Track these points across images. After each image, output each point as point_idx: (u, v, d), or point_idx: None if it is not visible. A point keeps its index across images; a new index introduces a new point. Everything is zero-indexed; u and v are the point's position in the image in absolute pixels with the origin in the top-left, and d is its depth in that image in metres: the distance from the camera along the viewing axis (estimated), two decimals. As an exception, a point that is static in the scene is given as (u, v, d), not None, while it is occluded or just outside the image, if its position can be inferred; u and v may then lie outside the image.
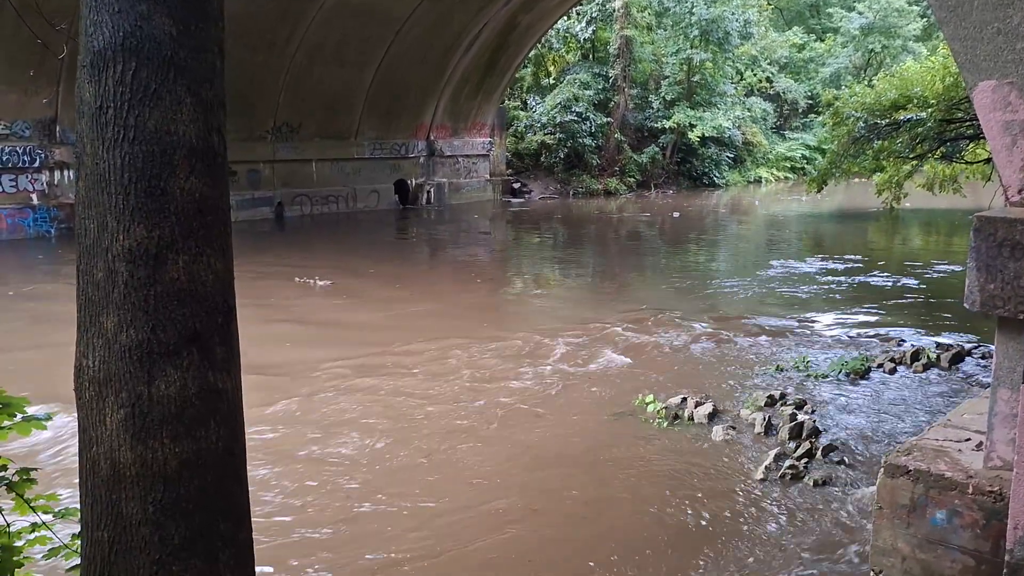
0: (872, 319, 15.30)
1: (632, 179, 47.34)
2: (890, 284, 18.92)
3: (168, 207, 2.62)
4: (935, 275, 20.17)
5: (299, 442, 9.06)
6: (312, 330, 14.43)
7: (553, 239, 29.86)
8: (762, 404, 10.06)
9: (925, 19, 61.09)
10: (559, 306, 17.34)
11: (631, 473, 8.32)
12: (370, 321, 15.20)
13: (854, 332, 14.18)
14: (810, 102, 59.36)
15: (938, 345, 12.71)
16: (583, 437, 9.27)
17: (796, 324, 14.70)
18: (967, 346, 12.54)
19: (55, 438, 8.67)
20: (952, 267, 20.90)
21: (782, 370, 11.68)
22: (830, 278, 19.64)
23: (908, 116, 23.72)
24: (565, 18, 44.06)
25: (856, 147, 26.61)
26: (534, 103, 47.41)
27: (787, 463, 8.24)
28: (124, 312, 2.62)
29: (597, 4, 46.44)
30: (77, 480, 2.81)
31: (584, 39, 47.68)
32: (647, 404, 10.04)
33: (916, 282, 19.27)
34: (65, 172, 26.14)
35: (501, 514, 7.41)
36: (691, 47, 48.06)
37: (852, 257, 22.87)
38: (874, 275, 19.90)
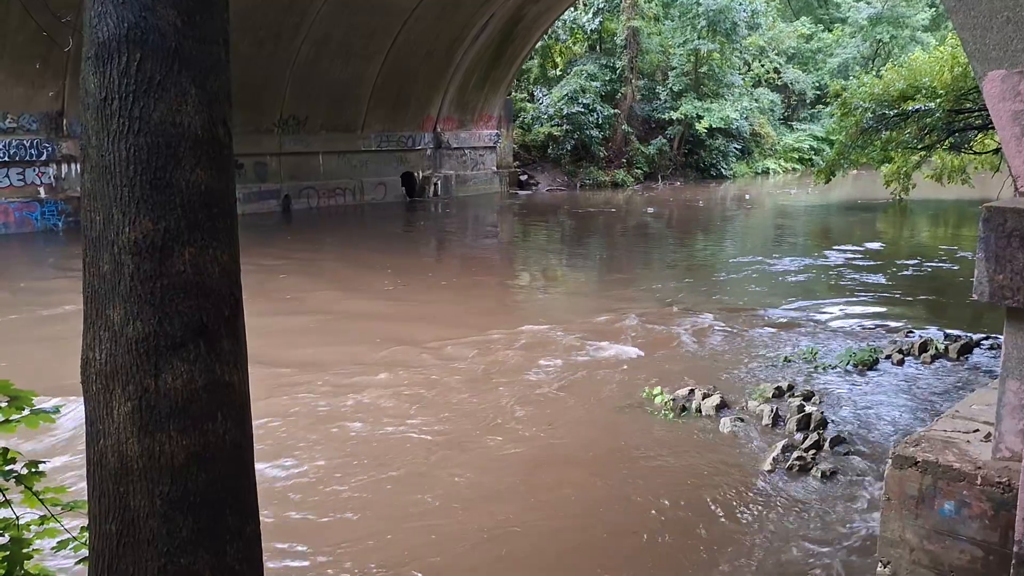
0: (880, 310, 15.26)
1: (640, 171, 47.27)
2: (898, 275, 18.86)
3: (174, 199, 2.62)
4: (943, 266, 20.11)
5: (304, 437, 9.07)
6: (318, 324, 14.44)
7: (560, 232, 29.83)
8: (770, 395, 10.05)
9: (934, 9, 60.83)
10: (565, 298, 17.35)
11: (637, 465, 8.32)
12: (377, 314, 15.21)
13: (862, 323, 14.14)
14: (818, 93, 59.24)
15: (946, 336, 12.67)
16: (590, 429, 9.27)
17: (803, 315, 14.67)
18: (975, 337, 12.49)
19: (63, 431, 8.70)
20: (955, 262, 20.83)
21: (790, 361, 11.66)
22: (837, 269, 19.59)
23: (916, 107, 23.65)
24: (572, 9, 43.97)
25: (864, 138, 26.56)
26: (541, 95, 47.35)
27: (795, 454, 8.22)
28: (130, 305, 2.61)
29: (604, -5, 46.41)
30: (85, 473, 2.82)
31: (591, 30, 47.57)
32: (654, 396, 10.03)
33: (924, 273, 19.23)
34: (72, 165, 26.19)
35: (503, 510, 7.40)
36: (698, 38, 47.95)
37: (859, 248, 22.80)
38: (881, 266, 19.84)
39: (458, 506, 7.45)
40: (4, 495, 3.43)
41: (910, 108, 23.99)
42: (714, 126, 48.03)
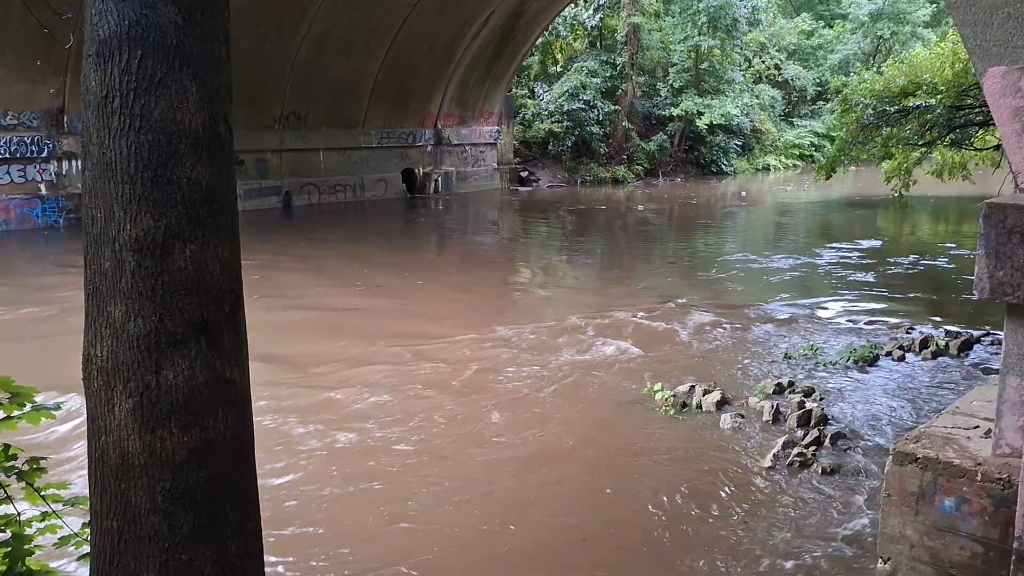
0: (880, 307, 15.25)
1: (640, 167, 47.27)
2: (898, 271, 18.87)
3: (175, 196, 2.63)
4: (943, 262, 20.10)
5: (305, 432, 9.06)
6: (320, 320, 14.45)
7: (561, 228, 29.83)
8: (770, 392, 10.05)
9: (934, 5, 60.82)
10: (567, 295, 17.34)
11: (638, 462, 8.32)
12: (378, 311, 15.21)
13: (862, 320, 14.14)
14: (819, 89, 59.26)
15: (947, 332, 12.67)
16: (591, 426, 9.27)
17: (804, 312, 14.67)
18: (976, 333, 12.49)
19: (64, 428, 8.70)
20: (956, 258, 20.82)
21: (790, 358, 11.66)
22: (837, 266, 19.59)
23: (917, 103, 23.62)
24: (572, 5, 43.95)
25: (865, 134, 26.54)
26: (541, 91, 47.33)
27: (795, 451, 8.23)
28: (132, 302, 2.62)
29: (604, -9, 46.40)
30: (86, 470, 2.82)
31: (591, 26, 47.55)
32: (655, 392, 10.03)
33: (924, 269, 19.22)
34: (73, 162, 26.19)
35: (499, 507, 7.39)
36: (699, 34, 47.92)
37: (859, 245, 22.80)
38: (881, 263, 19.84)
39: (451, 506, 7.42)
40: (5, 491, 3.44)
41: (911, 104, 23.97)
42: (714, 122, 48.03)
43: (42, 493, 3.48)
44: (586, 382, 10.73)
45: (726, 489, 7.66)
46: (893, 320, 14.01)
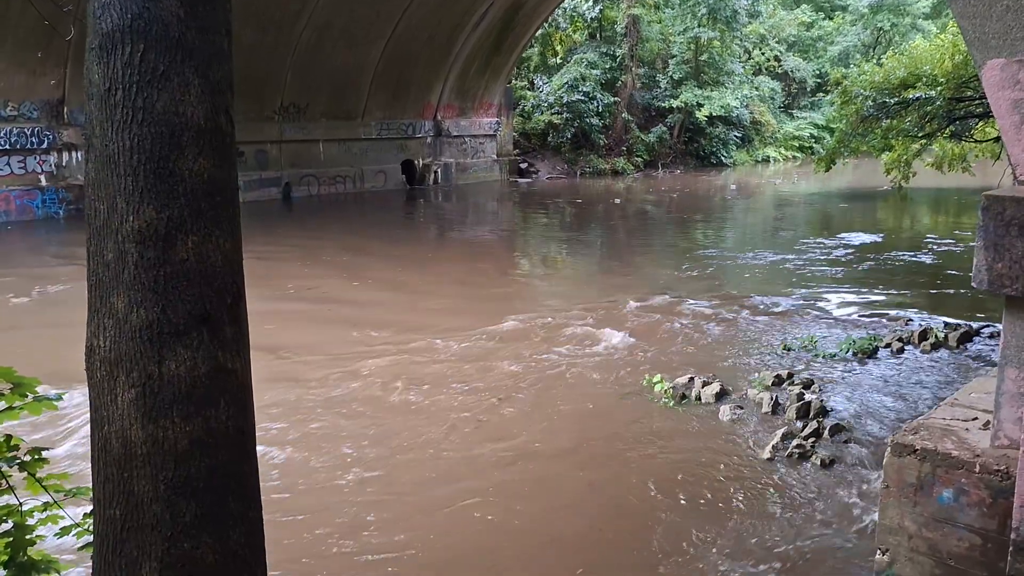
0: (880, 299, 15.26)
1: (640, 159, 47.29)
2: (897, 264, 18.87)
3: (177, 188, 2.64)
4: (942, 254, 20.11)
5: (304, 425, 9.08)
6: (319, 313, 14.46)
7: (560, 220, 29.82)
8: (769, 383, 10.07)
9: (935, -4, 60.79)
10: (566, 287, 17.35)
11: (637, 453, 8.34)
12: (377, 303, 15.21)
13: (862, 312, 14.14)
14: (818, 81, 59.27)
15: (946, 325, 12.68)
16: (590, 417, 9.28)
17: (803, 304, 14.67)
18: (975, 326, 12.50)
19: (66, 419, 8.72)
20: (954, 251, 20.83)
21: (789, 349, 11.67)
22: (835, 258, 19.59)
23: (917, 95, 23.64)
24: (572, -3, 43.99)
25: (865, 126, 26.57)
26: (541, 83, 47.32)
27: (794, 442, 8.24)
28: (134, 293, 2.63)
29: (604, -17, 46.37)
30: (88, 460, 2.84)
31: (591, 18, 47.53)
32: (654, 384, 10.04)
33: (923, 261, 19.22)
34: (73, 153, 26.20)
35: (502, 500, 7.40)
36: (699, 26, 47.92)
37: (857, 237, 22.78)
38: (880, 255, 19.84)
39: (449, 500, 7.42)
40: (7, 481, 3.45)
41: (911, 96, 23.97)
42: (714, 114, 48.08)
43: (44, 483, 3.49)
44: (585, 373, 10.74)
45: (725, 481, 7.67)
46: (892, 312, 14.01)
